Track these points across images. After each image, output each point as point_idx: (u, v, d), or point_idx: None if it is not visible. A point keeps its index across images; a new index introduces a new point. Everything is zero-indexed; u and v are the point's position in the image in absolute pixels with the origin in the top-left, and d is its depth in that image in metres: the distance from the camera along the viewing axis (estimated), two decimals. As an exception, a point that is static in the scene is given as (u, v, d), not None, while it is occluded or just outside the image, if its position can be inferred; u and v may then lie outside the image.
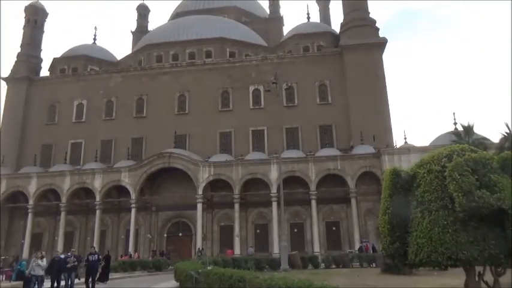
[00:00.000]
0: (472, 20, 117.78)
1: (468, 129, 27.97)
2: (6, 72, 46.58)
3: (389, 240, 10.60)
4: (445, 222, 9.26)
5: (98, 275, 16.95)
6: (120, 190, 36.96)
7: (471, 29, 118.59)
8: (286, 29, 54.02)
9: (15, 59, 47.53)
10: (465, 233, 9.07)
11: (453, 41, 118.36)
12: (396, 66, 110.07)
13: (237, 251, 32.71)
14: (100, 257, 17.18)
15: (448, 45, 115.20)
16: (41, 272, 15.20)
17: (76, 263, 16.17)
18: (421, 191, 10.01)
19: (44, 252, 17.00)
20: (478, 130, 30.31)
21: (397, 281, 15.44)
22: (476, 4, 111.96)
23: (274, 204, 32.96)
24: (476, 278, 9.67)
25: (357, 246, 31.68)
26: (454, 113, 34.65)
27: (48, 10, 50.94)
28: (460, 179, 8.97)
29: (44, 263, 15.39)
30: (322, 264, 26.93)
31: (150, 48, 47.44)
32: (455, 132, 29.41)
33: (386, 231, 10.67)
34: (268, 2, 59.45)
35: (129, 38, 61.21)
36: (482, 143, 26.18)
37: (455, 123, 33.68)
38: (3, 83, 46.01)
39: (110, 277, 20.21)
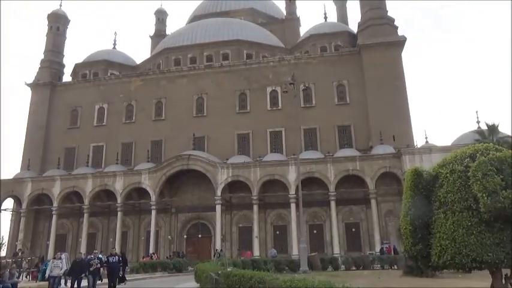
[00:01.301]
0: (498, 18, 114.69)
1: (492, 128, 27.25)
2: (30, 79, 47.80)
3: (411, 241, 10.40)
4: (469, 224, 9.02)
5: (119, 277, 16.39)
6: (140, 192, 37.54)
7: (497, 25, 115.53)
8: (303, 30, 53.84)
9: (39, 65, 48.88)
10: (490, 235, 8.82)
11: (477, 36, 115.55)
12: (417, 64, 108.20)
13: (256, 252, 32.73)
14: (120, 258, 16.72)
15: (472, 42, 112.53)
16: (59, 273, 15.06)
17: (99, 265, 15.68)
18: (443, 192, 9.79)
19: (60, 254, 16.85)
20: (503, 129, 29.52)
21: (420, 284, 15.13)
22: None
23: (293, 206, 32.85)
24: (503, 281, 9.39)
25: (378, 247, 31.25)
26: (477, 112, 33.73)
27: (69, 17, 52.24)
28: (484, 179, 8.72)
29: (62, 263, 15.24)
30: (342, 266, 26.67)
31: (168, 52, 48.06)
32: (479, 131, 28.71)
33: (408, 233, 10.48)
34: (284, 3, 59.34)
35: (148, 42, 62.15)
36: (508, 141, 25.44)
37: (478, 122, 32.90)
38: (28, 89, 47.37)
39: (131, 278, 20.42)
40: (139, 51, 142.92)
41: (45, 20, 51.22)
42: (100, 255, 18.28)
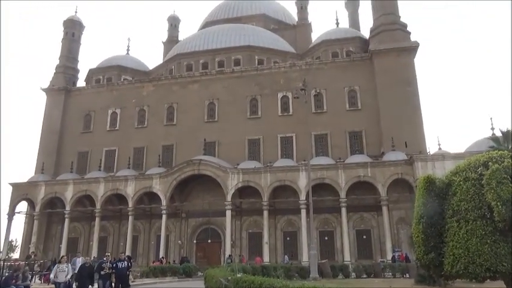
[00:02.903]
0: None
1: (507, 135, 26.73)
2: (45, 84, 48.69)
3: (423, 250, 10.27)
4: (483, 233, 8.88)
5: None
6: (151, 197, 37.78)
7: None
8: (315, 35, 53.77)
9: (54, 70, 49.77)
10: (505, 244, 8.66)
11: (493, 42, 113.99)
12: (430, 68, 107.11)
13: (266, 258, 32.58)
14: (129, 264, 15.62)
15: (488, 48, 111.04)
16: (65, 278, 13.94)
17: (111, 270, 14.40)
18: (457, 200, 9.66)
19: (66, 257, 15.77)
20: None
21: (432, 293, 14.85)
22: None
23: (303, 212, 32.67)
24: (518, 292, 9.18)
25: (389, 255, 30.80)
26: (491, 118, 33.04)
27: (84, 23, 53.16)
28: (498, 187, 8.58)
29: (68, 268, 14.19)
30: (353, 274, 26.33)
31: (180, 58, 48.50)
32: (493, 138, 28.20)
33: (421, 241, 10.34)
34: (296, 9, 59.47)
35: (161, 48, 62.79)
36: (523, 149, 24.94)
37: (493, 129, 32.34)
38: (43, 94, 48.23)
39: (140, 283, 20.27)
40: (152, 56, 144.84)
41: (61, 26, 52.20)
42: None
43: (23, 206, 41.47)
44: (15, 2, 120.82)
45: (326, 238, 35.21)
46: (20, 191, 39.56)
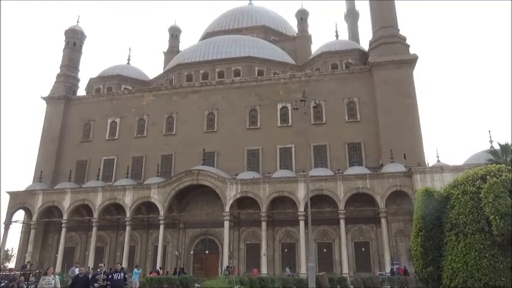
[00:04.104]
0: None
1: (506, 148, 26.78)
2: (46, 92, 48.81)
3: (422, 263, 10.21)
4: (482, 247, 8.83)
5: None
6: (149, 206, 37.59)
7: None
8: (315, 47, 54.22)
9: (55, 79, 49.95)
10: (504, 258, 8.60)
11: (492, 56, 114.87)
12: (430, 81, 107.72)
13: (264, 270, 32.31)
14: (126, 275, 15.07)
15: (487, 61, 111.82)
16: None
17: (106, 282, 13.86)
18: (455, 213, 9.63)
19: (52, 268, 14.67)
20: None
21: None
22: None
23: (302, 223, 32.49)
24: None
25: (388, 268, 30.56)
26: (489, 131, 33.13)
27: (86, 33, 53.51)
28: (496, 201, 8.56)
29: (55, 281, 13.31)
30: (351, 286, 26.10)
31: (180, 68, 48.75)
32: (492, 151, 28.22)
33: (419, 254, 10.29)
34: (296, 21, 60.07)
35: (161, 58, 63.17)
36: (521, 162, 24.92)
37: (491, 141, 32.39)
38: (43, 102, 48.31)
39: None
40: (152, 66, 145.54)
41: (62, 35, 52.52)
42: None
43: (20, 214, 41.26)
44: (17, 7, 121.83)
45: (324, 250, 34.97)
46: (17, 200, 39.34)
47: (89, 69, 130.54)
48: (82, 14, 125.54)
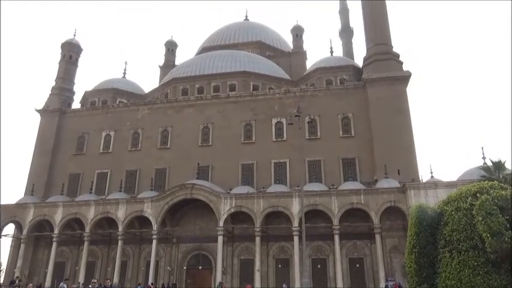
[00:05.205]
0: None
1: (498, 165, 26.96)
2: (40, 105, 48.62)
3: (416, 280, 10.17)
4: (476, 264, 8.82)
5: None
6: (142, 220, 37.19)
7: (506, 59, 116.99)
8: (310, 63, 54.84)
9: (50, 92, 49.86)
10: (497, 276, 8.59)
11: (485, 72, 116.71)
12: (423, 97, 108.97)
13: (258, 285, 31.91)
14: None
15: (478, 78, 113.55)
16: None
17: None
18: (449, 230, 9.65)
19: (32, 285, 14.12)
20: (510, 165, 29.16)
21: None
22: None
23: (296, 239, 32.28)
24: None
25: (382, 284, 30.33)
26: (482, 147, 33.39)
27: (82, 46, 53.71)
28: (488, 219, 8.59)
29: None
30: (346, 304, 25.81)
31: (176, 82, 48.94)
32: (485, 167, 28.39)
33: (413, 271, 10.26)
34: (292, 37, 60.84)
35: (157, 72, 63.46)
36: (514, 178, 25.07)
37: (484, 158, 32.60)
38: (37, 115, 48.09)
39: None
40: (148, 80, 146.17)
41: (58, 48, 52.67)
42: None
43: (10, 228, 40.56)
44: (13, 16, 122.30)
45: (319, 266, 34.66)
46: (8, 213, 38.74)
47: (84, 82, 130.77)
48: (78, 26, 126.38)
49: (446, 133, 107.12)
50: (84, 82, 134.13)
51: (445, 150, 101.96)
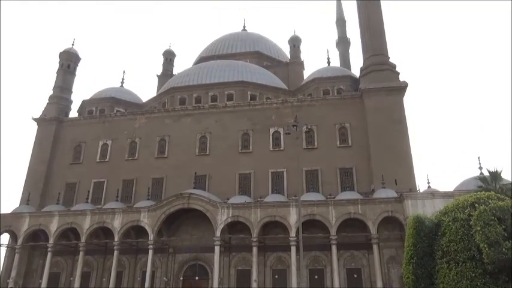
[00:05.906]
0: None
1: (495, 175, 27.03)
2: (37, 114, 48.57)
3: (414, 291, 10.09)
4: (474, 275, 8.78)
5: None
6: (138, 230, 36.90)
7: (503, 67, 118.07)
8: (307, 73, 55.15)
9: (47, 100, 49.81)
10: (495, 287, 8.55)
11: (481, 83, 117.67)
12: (420, 107, 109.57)
13: (255, 297, 31.59)
14: None
15: (475, 88, 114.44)
16: None
17: None
18: (446, 241, 9.62)
19: None
20: (506, 175, 29.29)
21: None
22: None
23: (293, 249, 32.08)
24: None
25: (380, 296, 30.12)
26: (479, 158, 33.43)
27: (81, 55, 53.81)
28: (486, 229, 8.57)
29: None
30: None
31: (174, 91, 49.06)
32: (481, 178, 28.45)
33: (411, 282, 10.20)
34: (289, 47, 61.31)
35: (155, 81, 63.59)
36: (510, 189, 25.12)
37: (480, 168, 32.69)
38: (34, 123, 47.97)
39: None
40: (146, 90, 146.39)
41: (56, 56, 52.73)
42: None
43: (4, 238, 40.17)
44: (12, 22, 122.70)
45: (316, 277, 34.40)
46: (3, 223, 38.30)
47: (82, 91, 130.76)
48: (77, 35, 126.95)
49: (443, 143, 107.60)
50: (82, 91, 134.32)
51: (442, 160, 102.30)
